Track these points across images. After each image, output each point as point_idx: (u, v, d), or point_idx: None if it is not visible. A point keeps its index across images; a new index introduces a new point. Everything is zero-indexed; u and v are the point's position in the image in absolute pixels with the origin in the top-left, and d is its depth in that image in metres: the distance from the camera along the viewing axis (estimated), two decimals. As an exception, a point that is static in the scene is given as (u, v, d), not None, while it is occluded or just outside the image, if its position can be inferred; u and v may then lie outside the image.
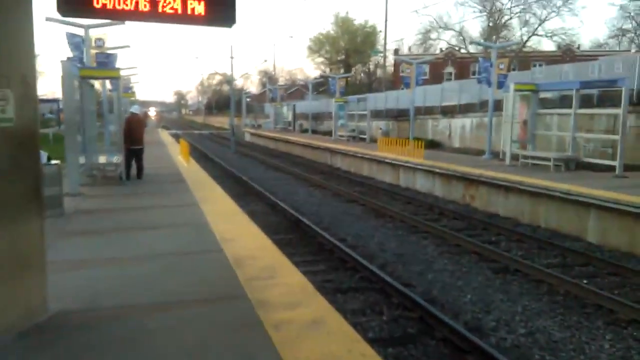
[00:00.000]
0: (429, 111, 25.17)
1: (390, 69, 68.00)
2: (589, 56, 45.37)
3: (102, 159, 12.01)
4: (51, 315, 3.97)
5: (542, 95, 17.13)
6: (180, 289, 4.56)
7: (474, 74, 61.65)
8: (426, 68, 64.23)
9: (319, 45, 61.12)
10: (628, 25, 49.35)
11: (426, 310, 6.65)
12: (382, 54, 41.36)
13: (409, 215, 12.64)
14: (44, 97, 56.31)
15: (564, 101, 17.69)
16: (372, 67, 66.10)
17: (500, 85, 16.94)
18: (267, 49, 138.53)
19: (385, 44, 37.09)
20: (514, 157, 15.45)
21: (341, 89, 30.48)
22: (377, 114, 29.68)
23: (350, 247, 9.82)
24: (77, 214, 7.87)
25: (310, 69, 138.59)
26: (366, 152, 20.89)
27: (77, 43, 13.38)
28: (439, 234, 10.88)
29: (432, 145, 23.19)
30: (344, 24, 59.38)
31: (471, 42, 31.00)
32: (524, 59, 51.01)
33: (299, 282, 4.77)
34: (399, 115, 28.76)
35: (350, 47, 59.63)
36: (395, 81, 58.07)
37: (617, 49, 51.52)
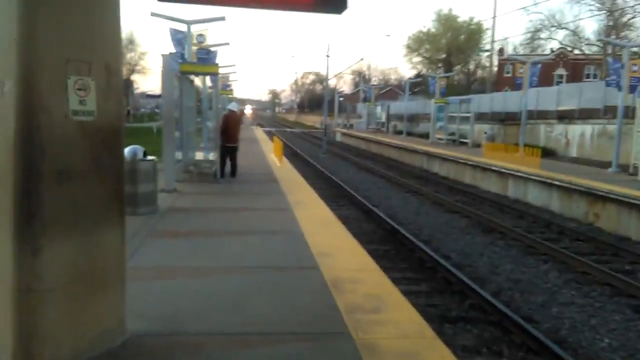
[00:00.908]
0: (541, 115, 22.93)
1: (491, 69, 64.37)
2: None
3: (198, 156, 11.91)
4: (126, 339, 3.42)
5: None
6: (271, 316, 3.85)
7: (587, 76, 56.64)
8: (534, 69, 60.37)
9: (418, 43, 58.95)
10: None
11: (556, 356, 5.46)
12: (489, 53, 38.84)
13: (523, 233, 11.19)
14: (152, 93, 59.95)
15: None
16: (472, 67, 62.99)
17: (633, 89, 14.73)
18: (361, 48, 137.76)
19: (492, 41, 34.74)
20: (649, 172, 13.29)
21: (441, 89, 28.87)
22: (480, 117, 27.75)
23: (456, 266, 8.71)
24: (170, 212, 7.60)
25: (405, 69, 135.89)
26: (469, 157, 19.35)
27: (179, 39, 13.44)
28: (561, 258, 9.40)
29: (545, 153, 20.97)
30: (447, 21, 56.71)
31: (599, 40, 27.43)
32: None
33: (411, 319, 3.87)
34: (507, 118, 26.63)
35: (452, 45, 56.83)
36: (499, 83, 54.76)
37: None
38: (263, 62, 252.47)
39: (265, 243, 5.93)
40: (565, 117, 21.94)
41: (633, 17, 44.72)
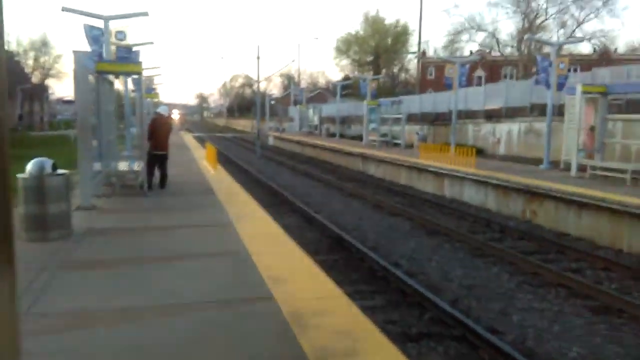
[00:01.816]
0: (469, 115, 23.44)
1: (413, 72, 66.06)
2: (629, 60, 42.96)
3: (122, 166, 10.68)
4: None
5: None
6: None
7: (505, 77, 59.56)
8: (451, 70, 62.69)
9: (347, 46, 59.25)
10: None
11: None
12: (416, 55, 39.53)
13: (467, 234, 11.03)
14: (69, 99, 56.09)
15: (630, 106, 15.86)
16: (396, 70, 64.24)
17: (560, 87, 15.18)
18: (288, 52, 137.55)
19: (419, 43, 35.38)
20: (581, 168, 13.67)
21: (372, 91, 28.88)
22: (411, 118, 28.01)
23: (408, 274, 8.26)
24: (89, 235, 6.43)
25: (333, 72, 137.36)
26: (406, 159, 19.27)
27: (96, 36, 12.11)
28: (509, 259, 9.24)
29: (475, 152, 21.44)
30: (374, 24, 57.41)
31: (527, 39, 28.47)
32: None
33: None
34: (436, 119, 27.07)
35: (380, 47, 57.60)
36: (422, 85, 56.21)
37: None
38: (190, 65, 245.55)
39: (207, 269, 5.02)
40: (492, 116, 22.53)
41: (546, 20, 47.49)
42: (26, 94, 62.73)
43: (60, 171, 6.30)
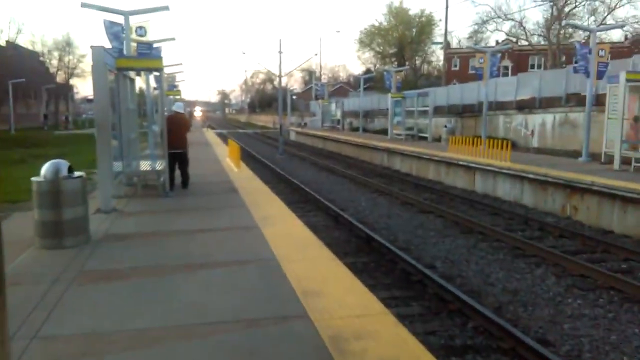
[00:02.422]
0: (500, 106, 22.57)
1: (436, 64, 64.68)
2: None
3: (144, 165, 10.37)
4: None
5: None
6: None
7: (532, 67, 57.97)
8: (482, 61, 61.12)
9: (370, 38, 58.07)
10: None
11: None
12: (442, 45, 38.56)
13: (503, 232, 10.40)
14: (91, 97, 56.68)
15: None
16: (418, 62, 62.86)
17: (600, 75, 14.33)
18: (309, 47, 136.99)
19: (445, 32, 34.48)
20: (624, 161, 12.85)
21: (397, 83, 28.19)
22: (437, 111, 27.23)
23: (445, 278, 7.74)
24: (107, 241, 6.07)
25: (354, 66, 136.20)
26: (434, 153, 18.61)
27: (116, 32, 11.80)
28: (553, 259, 8.62)
29: (503, 144, 20.63)
30: (398, 14, 56.04)
31: (566, 25, 26.89)
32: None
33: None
34: (464, 111, 26.23)
35: (404, 39, 56.19)
36: (446, 77, 55.04)
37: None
38: (211, 61, 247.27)
39: (232, 280, 4.58)
40: (524, 107, 21.63)
41: (575, 7, 45.82)
42: (51, 94, 63.76)
43: (77, 174, 5.95)
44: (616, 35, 51.12)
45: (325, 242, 7.17)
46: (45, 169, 5.58)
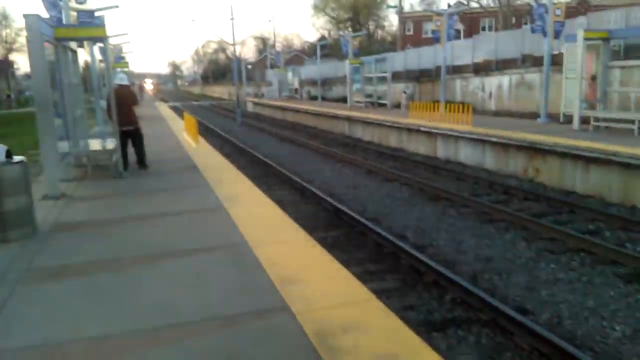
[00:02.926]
0: (457, 70, 22.52)
1: (389, 29, 63.96)
2: (604, 6, 41.76)
3: (93, 144, 9.63)
4: None
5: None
6: None
7: (483, 29, 58.38)
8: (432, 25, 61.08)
9: (324, 3, 56.63)
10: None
11: None
12: (397, 8, 38.04)
13: (470, 197, 10.38)
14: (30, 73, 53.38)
15: (628, 52, 15.12)
16: (372, 28, 62.02)
17: (557, 35, 14.34)
18: (261, 14, 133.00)
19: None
20: (582, 120, 13.02)
21: (355, 49, 27.67)
22: (395, 76, 26.96)
23: (417, 248, 7.60)
24: (57, 231, 5.47)
25: (309, 33, 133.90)
26: (394, 119, 18.43)
27: (53, 1, 10.78)
28: (521, 223, 8.63)
29: (464, 108, 20.69)
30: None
31: None
32: (528, 12, 47.71)
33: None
34: (421, 76, 26.09)
35: (358, 3, 54.92)
36: (402, 42, 54.63)
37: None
38: (160, 32, 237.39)
39: (201, 271, 4.14)
40: (481, 69, 21.66)
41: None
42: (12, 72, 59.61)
43: (17, 158, 5.32)
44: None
45: (293, 217, 6.84)
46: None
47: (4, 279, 4.13)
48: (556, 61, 15.78)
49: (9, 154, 5.16)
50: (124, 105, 9.26)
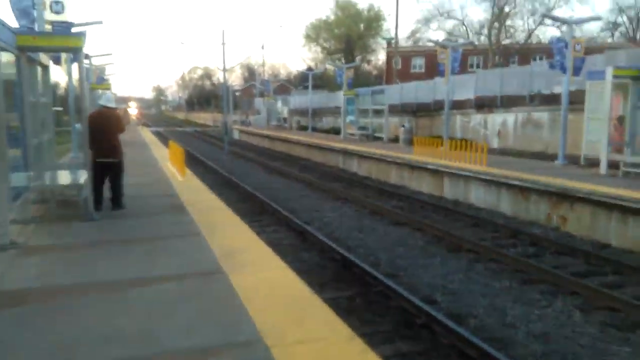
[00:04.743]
0: (457, 105, 21.60)
1: (375, 63, 63.64)
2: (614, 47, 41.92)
3: (62, 177, 8.06)
4: None
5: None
6: None
7: (471, 66, 58.65)
8: (422, 61, 60.95)
9: (316, 32, 56.07)
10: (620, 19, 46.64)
11: None
12: (393, 39, 37.50)
13: (495, 249, 9.08)
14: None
15: None
16: (358, 60, 61.76)
17: (577, 71, 13.42)
18: (250, 43, 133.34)
19: (397, 27, 33.53)
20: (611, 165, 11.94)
21: (349, 80, 26.73)
22: (390, 110, 26.01)
23: (455, 318, 6.19)
24: None
25: (295, 63, 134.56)
26: (396, 155, 17.23)
27: (24, 8, 9.33)
28: (567, 286, 7.33)
29: (467, 145, 19.67)
30: (346, 9, 54.21)
31: (544, 16, 25.13)
32: (526, 51, 48.08)
33: None
34: (418, 110, 25.18)
35: (352, 34, 54.47)
36: (388, 75, 54.25)
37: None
38: (145, 56, 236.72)
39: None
40: (484, 105, 20.76)
41: (515, 7, 46.52)
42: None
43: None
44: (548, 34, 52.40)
45: (295, 268, 5.41)
46: None
47: None
48: (571, 100, 14.85)
49: None
50: (107, 132, 7.62)
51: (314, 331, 3.34)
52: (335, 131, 29.88)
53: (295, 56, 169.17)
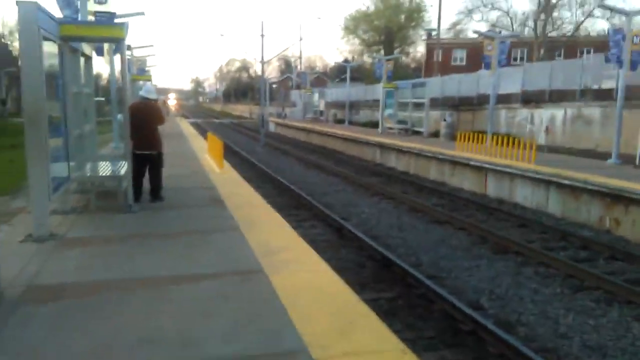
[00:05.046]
0: (502, 99, 20.77)
1: (413, 55, 62.27)
2: None
3: (102, 168, 8.08)
4: None
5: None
6: None
7: (515, 60, 56.82)
8: (463, 53, 59.38)
9: (355, 24, 55.03)
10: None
11: None
12: (435, 31, 36.63)
13: (544, 252, 8.59)
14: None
15: None
16: (397, 52, 60.53)
17: (634, 65, 12.61)
18: (287, 35, 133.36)
19: (439, 16, 32.66)
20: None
21: (388, 72, 26.19)
22: (431, 103, 25.38)
23: (503, 325, 5.83)
24: (23, 304, 3.76)
25: (331, 56, 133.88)
26: (437, 150, 16.72)
27: (68, -1, 9.45)
28: (623, 295, 6.85)
29: (511, 141, 18.91)
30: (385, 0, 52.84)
31: (599, 6, 23.91)
32: (572, 44, 46.11)
33: None
34: (461, 104, 24.44)
35: (391, 25, 53.08)
36: (428, 68, 53.06)
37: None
38: (184, 48, 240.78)
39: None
40: (530, 100, 19.91)
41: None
42: (12, 78, 59.37)
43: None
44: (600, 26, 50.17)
45: (333, 266, 5.16)
46: None
47: None
48: (625, 95, 14.00)
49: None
50: (148, 124, 7.55)
51: (362, 343, 3.09)
52: (373, 124, 29.42)
53: (332, 48, 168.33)
